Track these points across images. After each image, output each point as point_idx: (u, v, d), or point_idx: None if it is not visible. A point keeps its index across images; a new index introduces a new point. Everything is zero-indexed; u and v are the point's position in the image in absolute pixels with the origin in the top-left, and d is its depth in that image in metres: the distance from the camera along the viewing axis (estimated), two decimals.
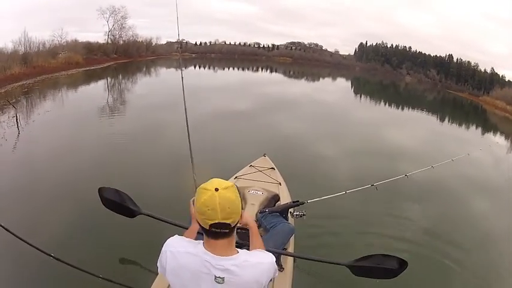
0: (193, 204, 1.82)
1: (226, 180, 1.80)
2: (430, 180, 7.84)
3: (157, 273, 2.98)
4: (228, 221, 1.72)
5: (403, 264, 2.73)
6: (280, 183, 5.10)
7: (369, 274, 2.82)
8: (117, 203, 3.35)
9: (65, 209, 5.47)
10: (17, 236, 3.23)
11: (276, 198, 4.51)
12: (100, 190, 3.37)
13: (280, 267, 3.23)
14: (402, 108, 25.48)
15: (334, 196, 4.45)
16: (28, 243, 3.27)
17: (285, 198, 4.63)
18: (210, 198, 1.70)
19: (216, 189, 1.71)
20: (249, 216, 2.44)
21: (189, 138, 4.52)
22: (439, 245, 5.70)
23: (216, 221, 1.71)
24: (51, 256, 3.28)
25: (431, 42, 63.44)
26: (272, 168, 5.60)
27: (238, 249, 1.89)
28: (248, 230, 2.87)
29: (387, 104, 26.97)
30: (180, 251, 1.86)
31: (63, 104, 16.15)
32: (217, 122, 12.77)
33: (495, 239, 6.29)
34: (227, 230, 1.76)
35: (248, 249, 2.15)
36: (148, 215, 3.37)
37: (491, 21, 60.29)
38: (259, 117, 14.32)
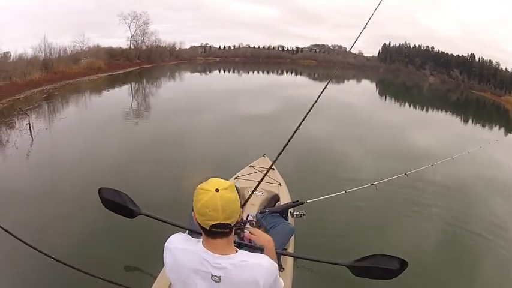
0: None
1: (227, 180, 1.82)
2: (430, 178, 7.91)
3: (157, 274, 3.05)
4: (228, 222, 1.74)
5: (403, 264, 2.78)
6: (280, 184, 5.09)
7: (368, 274, 2.83)
8: (116, 203, 3.40)
9: (65, 211, 5.52)
10: (17, 238, 3.23)
11: (276, 198, 4.59)
12: (100, 191, 3.44)
13: (281, 267, 3.19)
14: (426, 110, 24.94)
15: (333, 196, 4.45)
16: (29, 245, 3.28)
17: (285, 199, 4.63)
18: (211, 199, 1.70)
19: (217, 190, 1.71)
20: (265, 237, 2.32)
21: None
22: (439, 245, 5.74)
23: (217, 222, 1.72)
24: (52, 258, 3.29)
25: (452, 42, 62.59)
26: (272, 168, 5.44)
27: (238, 249, 1.90)
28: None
29: (411, 106, 26.45)
30: (178, 248, 1.88)
31: (79, 111, 16.17)
32: (230, 124, 12.89)
33: (498, 238, 6.17)
34: (227, 230, 1.77)
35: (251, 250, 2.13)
36: (148, 216, 3.41)
37: (507, 25, 59.53)
38: (274, 119, 14.22)
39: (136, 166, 7.72)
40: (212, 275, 1.79)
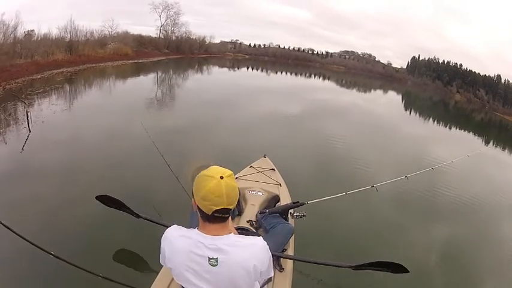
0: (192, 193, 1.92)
1: None
2: (430, 181, 7.94)
3: (157, 272, 3.04)
4: (230, 207, 1.85)
5: (403, 270, 2.88)
6: (280, 184, 5.04)
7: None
8: (117, 204, 3.66)
9: (65, 207, 5.44)
10: (17, 234, 3.25)
11: (276, 199, 4.57)
12: (97, 198, 3.73)
13: (280, 268, 3.21)
14: (450, 127, 24.49)
15: (334, 197, 4.41)
16: (28, 241, 3.29)
17: (285, 199, 4.60)
18: (217, 186, 1.79)
19: (221, 177, 1.81)
20: None
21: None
22: (439, 248, 5.67)
23: (221, 207, 1.81)
24: (51, 254, 3.28)
25: (480, 60, 62.33)
26: (272, 169, 5.55)
27: (231, 232, 1.97)
28: (248, 230, 3.09)
29: (435, 121, 25.88)
30: (175, 235, 1.95)
31: (92, 99, 15.02)
32: (236, 124, 12.63)
33: (498, 241, 6.22)
34: (227, 215, 1.89)
35: None
36: (147, 219, 3.64)
37: None
38: (285, 122, 14.00)
39: (135, 162, 7.66)
40: (209, 259, 1.84)
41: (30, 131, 8.78)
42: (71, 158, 7.57)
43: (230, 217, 1.98)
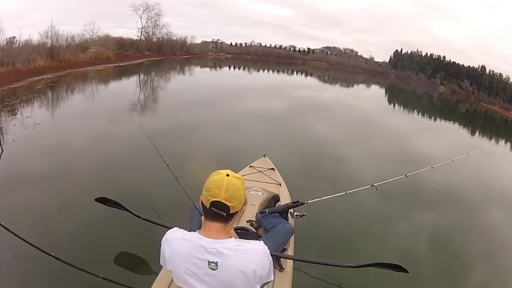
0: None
1: None
2: (430, 180, 8.01)
3: (157, 274, 3.04)
4: (228, 204, 1.85)
5: (402, 271, 2.91)
6: (280, 184, 5.06)
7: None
8: (117, 205, 3.71)
9: (65, 210, 5.44)
10: (16, 235, 3.26)
11: (276, 198, 4.56)
12: (96, 200, 3.79)
13: (280, 268, 3.22)
14: (434, 119, 24.77)
15: (334, 196, 4.42)
16: (28, 243, 3.30)
17: (285, 199, 4.62)
18: (219, 179, 1.86)
19: (227, 175, 1.89)
20: None
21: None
22: (440, 247, 5.67)
23: (218, 199, 1.84)
24: (51, 255, 3.28)
25: (463, 52, 62.97)
26: (272, 168, 5.56)
27: (232, 237, 1.97)
28: (248, 229, 3.08)
29: (420, 114, 26.17)
30: (175, 237, 1.96)
31: (70, 108, 13.87)
32: (229, 123, 12.66)
33: (498, 240, 6.22)
34: (225, 214, 1.87)
35: None
36: (147, 220, 3.65)
37: None
38: (275, 120, 14.10)
39: (133, 163, 7.63)
40: (209, 262, 1.85)
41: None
42: (69, 162, 7.51)
43: (232, 222, 1.98)
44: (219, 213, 1.87)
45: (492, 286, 4.99)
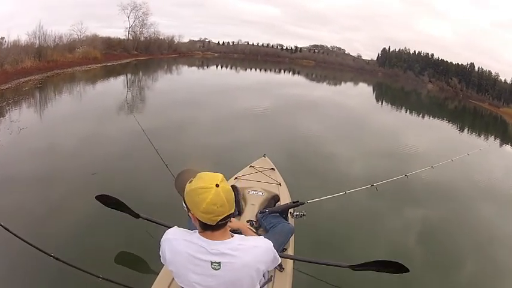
0: (187, 206, 1.86)
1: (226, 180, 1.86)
2: (430, 180, 7.99)
3: (157, 273, 3.03)
4: (232, 211, 1.80)
5: (403, 270, 2.90)
6: (280, 184, 5.06)
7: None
8: (118, 204, 3.72)
9: (65, 209, 5.45)
10: (17, 236, 3.28)
11: (276, 198, 4.55)
12: (97, 198, 3.78)
13: (280, 268, 3.21)
14: (423, 116, 24.90)
15: (334, 196, 4.45)
16: (28, 243, 3.31)
17: (285, 199, 4.62)
18: (216, 196, 1.72)
19: (217, 185, 1.74)
20: (236, 221, 2.95)
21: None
22: (440, 246, 5.71)
23: (225, 215, 1.77)
24: (51, 256, 3.29)
25: (452, 50, 63.42)
26: (272, 168, 5.55)
27: (233, 234, 1.95)
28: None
29: (408, 111, 26.36)
30: (177, 238, 1.92)
31: (57, 110, 13.68)
32: (223, 122, 12.68)
33: (497, 240, 6.27)
34: (230, 219, 1.84)
35: None
36: (147, 219, 3.66)
37: (502, 29, 60.14)
38: (269, 118, 14.25)
39: (132, 163, 7.61)
40: (212, 263, 1.82)
41: None
42: (68, 163, 7.52)
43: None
44: (225, 222, 1.83)
45: (492, 284, 5.02)
